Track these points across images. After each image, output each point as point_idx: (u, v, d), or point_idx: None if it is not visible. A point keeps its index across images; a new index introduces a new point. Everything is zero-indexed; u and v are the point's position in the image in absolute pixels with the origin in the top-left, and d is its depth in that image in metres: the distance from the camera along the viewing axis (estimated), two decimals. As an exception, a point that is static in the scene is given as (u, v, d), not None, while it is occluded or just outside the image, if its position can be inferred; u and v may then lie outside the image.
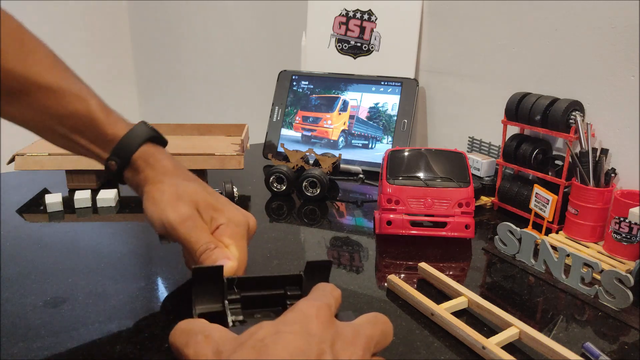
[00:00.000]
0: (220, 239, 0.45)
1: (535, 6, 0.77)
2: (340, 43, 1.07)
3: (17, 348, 0.42)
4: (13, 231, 0.67)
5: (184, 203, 0.45)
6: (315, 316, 0.30)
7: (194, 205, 0.46)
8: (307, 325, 0.30)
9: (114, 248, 0.62)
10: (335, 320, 0.32)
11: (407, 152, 0.69)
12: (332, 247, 0.65)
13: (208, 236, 0.45)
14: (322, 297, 0.33)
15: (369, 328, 0.32)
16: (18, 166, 0.78)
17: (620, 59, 0.66)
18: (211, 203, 0.47)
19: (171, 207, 0.45)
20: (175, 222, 0.44)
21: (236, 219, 0.47)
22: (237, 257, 0.44)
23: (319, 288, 0.35)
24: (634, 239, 0.58)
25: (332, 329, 0.30)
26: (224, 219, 0.46)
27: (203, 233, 0.45)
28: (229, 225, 0.46)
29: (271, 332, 0.29)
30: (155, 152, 0.50)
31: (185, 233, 0.44)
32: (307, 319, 0.30)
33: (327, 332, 0.30)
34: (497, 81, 0.86)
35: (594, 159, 0.64)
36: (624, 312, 0.50)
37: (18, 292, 0.51)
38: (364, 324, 0.33)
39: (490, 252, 0.63)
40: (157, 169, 0.48)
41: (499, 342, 0.43)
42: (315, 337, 0.29)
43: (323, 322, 0.30)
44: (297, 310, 0.31)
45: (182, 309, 0.49)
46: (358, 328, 0.32)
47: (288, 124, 1.02)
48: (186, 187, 0.47)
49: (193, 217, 0.45)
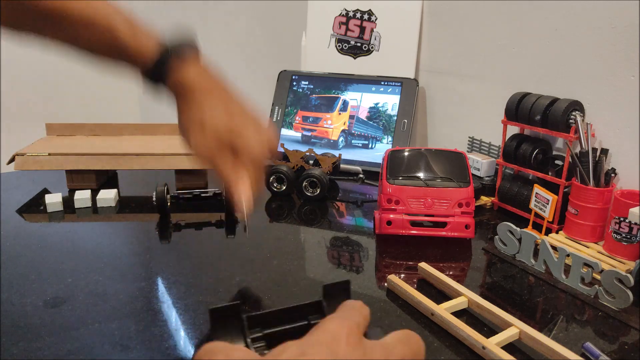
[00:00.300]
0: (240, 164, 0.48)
1: (535, 6, 0.77)
2: (340, 43, 1.07)
3: (17, 348, 0.42)
4: (13, 231, 0.67)
5: (206, 133, 0.48)
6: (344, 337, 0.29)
7: (215, 134, 0.48)
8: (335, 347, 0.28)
9: (114, 248, 0.62)
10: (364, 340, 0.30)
11: (407, 152, 0.69)
12: (332, 247, 0.65)
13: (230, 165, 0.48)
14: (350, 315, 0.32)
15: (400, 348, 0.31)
16: (18, 166, 0.78)
17: (620, 59, 0.66)
18: (231, 128, 0.49)
19: (195, 136, 0.49)
20: (200, 153, 0.49)
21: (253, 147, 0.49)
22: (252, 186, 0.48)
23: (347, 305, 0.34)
24: (634, 239, 0.58)
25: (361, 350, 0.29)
26: (244, 145, 0.49)
27: (226, 162, 0.48)
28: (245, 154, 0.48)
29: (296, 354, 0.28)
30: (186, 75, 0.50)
31: (209, 163, 0.49)
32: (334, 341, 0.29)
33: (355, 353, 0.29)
34: (497, 81, 0.86)
35: (594, 159, 0.64)
36: (624, 312, 0.50)
37: (18, 292, 0.51)
38: (395, 344, 0.31)
39: (490, 252, 0.63)
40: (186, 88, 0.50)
41: (499, 342, 0.43)
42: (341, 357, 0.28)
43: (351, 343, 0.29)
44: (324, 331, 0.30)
45: (182, 309, 0.49)
46: (389, 348, 0.30)
47: (288, 124, 1.02)
48: (210, 114, 0.49)
49: (214, 149, 0.48)
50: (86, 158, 0.80)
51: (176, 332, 0.45)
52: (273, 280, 0.55)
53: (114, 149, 0.81)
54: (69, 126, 0.94)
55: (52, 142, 0.88)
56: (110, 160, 0.80)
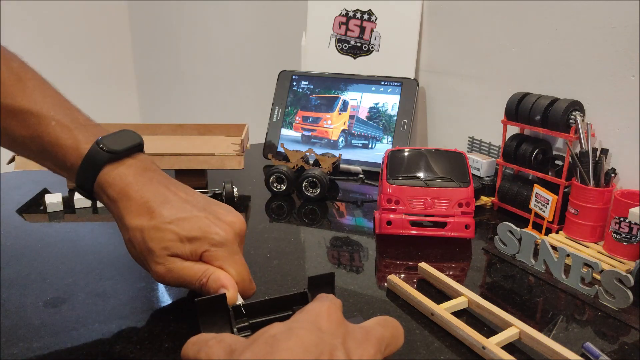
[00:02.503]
0: (211, 264, 0.43)
1: (535, 6, 0.77)
2: (340, 43, 1.07)
3: (17, 348, 0.42)
4: (13, 231, 0.67)
5: (156, 256, 0.43)
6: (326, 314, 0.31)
7: (166, 252, 0.43)
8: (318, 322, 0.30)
9: (114, 248, 0.62)
10: (345, 320, 0.32)
11: (407, 152, 0.69)
12: (332, 247, 0.65)
13: (196, 270, 0.43)
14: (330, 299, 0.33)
15: (380, 329, 0.32)
16: (18, 166, 0.78)
17: (620, 59, 0.66)
18: (184, 236, 0.43)
19: (147, 264, 0.44)
20: (159, 280, 0.44)
21: (216, 239, 0.43)
22: (235, 276, 0.43)
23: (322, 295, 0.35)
24: (634, 239, 0.58)
25: (343, 328, 0.30)
26: (205, 245, 0.43)
27: (189, 270, 0.43)
28: (211, 251, 0.43)
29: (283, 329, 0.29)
30: (115, 177, 0.45)
31: (174, 283, 0.44)
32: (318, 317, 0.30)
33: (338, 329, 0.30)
34: (497, 81, 0.86)
35: (594, 159, 0.64)
36: (624, 312, 0.50)
37: (18, 292, 0.51)
38: (374, 326, 0.32)
39: (490, 252, 0.63)
40: (118, 204, 0.44)
41: (499, 342, 0.43)
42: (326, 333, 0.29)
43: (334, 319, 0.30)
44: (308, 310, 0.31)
45: (182, 309, 0.49)
46: (369, 329, 0.32)
47: (288, 124, 1.02)
48: (152, 232, 0.43)
49: (171, 269, 0.43)
50: (86, 158, 0.80)
51: (176, 332, 0.45)
52: (273, 280, 0.55)
53: (114, 149, 0.81)
54: (69, 126, 0.94)
55: (52, 142, 0.88)
56: (110, 160, 0.80)
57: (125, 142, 0.46)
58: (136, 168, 0.46)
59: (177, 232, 0.43)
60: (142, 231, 0.43)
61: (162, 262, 0.43)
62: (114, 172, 0.45)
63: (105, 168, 0.45)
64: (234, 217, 0.46)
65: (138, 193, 0.44)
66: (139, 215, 0.43)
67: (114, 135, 0.46)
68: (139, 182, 0.45)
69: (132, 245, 0.44)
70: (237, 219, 0.46)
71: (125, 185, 0.44)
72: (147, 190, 0.44)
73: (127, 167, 0.46)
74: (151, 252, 0.43)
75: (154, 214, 0.43)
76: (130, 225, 0.43)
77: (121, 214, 0.44)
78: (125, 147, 0.46)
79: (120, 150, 0.45)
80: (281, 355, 0.26)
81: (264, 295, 0.52)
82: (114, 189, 0.44)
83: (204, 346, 0.31)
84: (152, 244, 0.43)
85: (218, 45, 1.69)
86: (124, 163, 0.46)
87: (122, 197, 0.44)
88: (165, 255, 0.43)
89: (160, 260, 0.43)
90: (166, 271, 0.43)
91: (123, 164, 0.46)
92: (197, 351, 0.31)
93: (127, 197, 0.44)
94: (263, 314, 0.39)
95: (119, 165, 0.45)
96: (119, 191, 0.44)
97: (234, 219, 0.46)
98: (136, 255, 0.45)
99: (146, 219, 0.43)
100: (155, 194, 0.45)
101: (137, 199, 0.44)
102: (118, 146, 0.45)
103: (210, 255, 0.43)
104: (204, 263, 0.43)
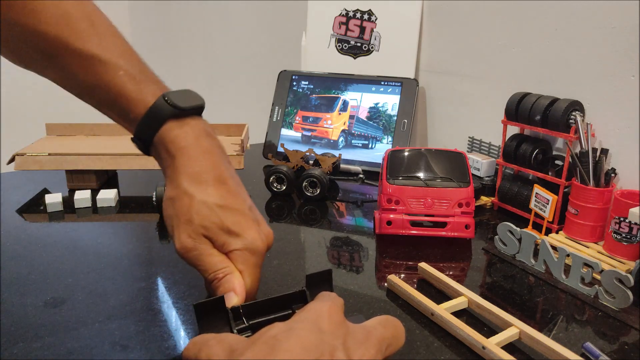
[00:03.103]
0: (234, 263, 0.43)
1: (535, 6, 0.77)
2: (340, 43, 1.07)
3: (17, 348, 0.42)
4: (13, 231, 0.67)
5: (192, 229, 0.42)
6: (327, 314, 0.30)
7: (203, 231, 0.42)
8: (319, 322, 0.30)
9: (114, 248, 0.62)
10: (346, 321, 0.32)
11: (407, 152, 0.69)
12: (332, 247, 0.65)
13: (217, 262, 0.42)
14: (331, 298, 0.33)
15: (381, 330, 0.32)
16: (18, 166, 0.78)
17: (620, 59, 0.66)
18: (226, 227, 0.42)
19: (177, 229, 0.42)
20: (180, 251, 0.42)
21: (253, 245, 0.43)
22: (248, 286, 0.42)
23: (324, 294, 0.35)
24: (634, 239, 0.58)
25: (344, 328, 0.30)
26: (240, 244, 0.42)
27: (212, 259, 0.42)
28: (243, 252, 0.42)
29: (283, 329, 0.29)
30: (179, 134, 0.44)
31: (191, 262, 0.42)
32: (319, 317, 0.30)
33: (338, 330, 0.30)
34: (497, 81, 0.86)
35: (594, 159, 0.64)
36: (624, 312, 0.50)
37: (18, 292, 0.51)
38: (375, 326, 0.32)
39: (490, 252, 0.63)
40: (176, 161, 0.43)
41: (499, 342, 0.43)
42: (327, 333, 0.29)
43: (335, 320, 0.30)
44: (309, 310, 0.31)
45: (182, 309, 0.49)
46: (370, 329, 0.31)
47: (288, 124, 1.02)
48: (201, 205, 0.42)
49: (198, 248, 0.42)
50: (86, 158, 0.80)
51: (176, 332, 0.45)
52: (273, 280, 0.55)
53: (114, 149, 0.81)
54: (69, 126, 0.94)
55: (52, 142, 0.88)
56: (110, 160, 0.80)
57: (190, 101, 0.46)
58: (199, 130, 0.45)
59: (222, 219, 0.42)
60: (192, 199, 0.42)
61: (194, 238, 0.42)
62: (177, 129, 0.44)
63: (168, 123, 0.44)
64: (269, 231, 0.46)
65: (198, 158, 0.44)
66: (195, 183, 0.43)
67: (180, 92, 0.46)
68: (201, 147, 0.44)
69: (172, 205, 0.43)
70: (270, 233, 0.46)
71: (188, 145, 0.44)
72: (206, 159, 0.44)
73: (191, 128, 0.45)
74: (190, 222, 0.42)
75: (208, 190, 0.43)
76: (183, 186, 0.43)
77: (177, 171, 0.43)
78: (190, 105, 0.45)
79: (185, 107, 0.45)
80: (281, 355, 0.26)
81: (264, 295, 0.52)
82: (175, 145, 0.44)
83: (204, 346, 0.31)
84: (195, 216, 0.42)
85: (218, 45, 1.69)
86: (188, 123, 0.45)
87: (182, 155, 0.43)
88: (200, 234, 0.42)
89: (194, 236, 0.42)
90: (192, 247, 0.42)
91: (187, 124, 0.45)
92: (197, 351, 0.31)
93: (187, 157, 0.43)
94: (262, 314, 0.39)
95: (183, 124, 0.45)
96: (180, 149, 0.44)
97: (269, 232, 0.46)
98: (171, 215, 0.43)
99: (199, 190, 0.42)
100: (214, 167, 0.44)
101: (195, 164, 0.43)
102: (183, 103, 0.45)
103: (238, 256, 0.42)
104: (227, 258, 0.43)
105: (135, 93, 0.44)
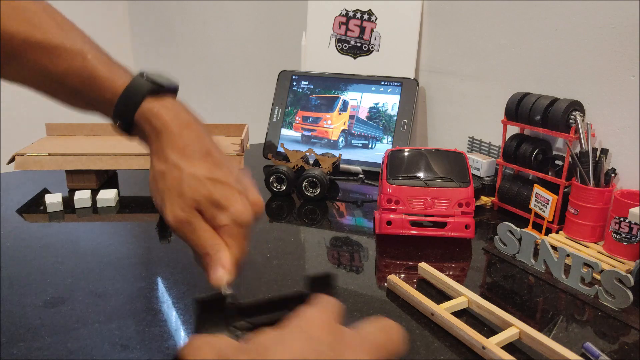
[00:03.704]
0: (222, 237, 0.43)
1: (535, 6, 0.77)
2: (340, 43, 1.07)
3: (17, 348, 0.42)
4: (13, 231, 0.67)
5: (184, 203, 0.42)
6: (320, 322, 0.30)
7: (194, 204, 0.42)
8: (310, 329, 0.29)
9: (114, 248, 0.62)
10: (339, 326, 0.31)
11: (407, 152, 0.69)
12: (332, 247, 0.65)
13: (209, 237, 0.42)
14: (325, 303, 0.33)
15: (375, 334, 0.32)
16: (18, 166, 0.78)
17: (620, 59, 0.66)
18: (215, 199, 0.43)
19: (170, 202, 0.42)
20: (174, 225, 0.42)
21: (240, 218, 0.43)
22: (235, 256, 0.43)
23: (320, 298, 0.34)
24: (634, 239, 0.58)
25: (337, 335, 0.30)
26: (227, 219, 0.43)
27: (204, 234, 0.42)
28: (231, 227, 0.43)
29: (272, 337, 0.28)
30: (160, 109, 0.44)
31: (184, 236, 0.43)
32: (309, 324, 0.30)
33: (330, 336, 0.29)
34: (497, 81, 0.86)
35: (594, 159, 0.64)
36: (624, 312, 0.50)
37: (18, 292, 0.51)
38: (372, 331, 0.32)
39: (490, 252, 0.63)
40: (161, 135, 0.44)
41: (499, 342, 0.43)
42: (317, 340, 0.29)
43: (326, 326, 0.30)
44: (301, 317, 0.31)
45: (182, 309, 0.49)
46: (364, 334, 0.31)
47: (288, 124, 1.02)
48: (191, 178, 0.42)
49: (191, 221, 0.42)
50: (86, 158, 0.80)
51: (176, 332, 0.45)
52: (273, 280, 0.55)
53: (114, 149, 0.81)
54: (69, 126, 0.94)
55: (52, 142, 0.88)
56: (110, 160, 0.80)
57: (166, 80, 0.46)
58: (178, 105, 0.45)
59: (211, 192, 0.42)
60: (182, 172, 0.42)
61: (186, 211, 0.42)
62: (157, 105, 0.44)
63: (147, 99, 0.44)
64: (258, 199, 0.45)
65: (182, 132, 0.44)
66: (183, 156, 0.43)
67: (154, 72, 0.46)
68: (183, 120, 0.44)
69: (163, 179, 0.43)
70: (260, 200, 0.46)
71: (171, 119, 0.44)
72: (191, 133, 0.44)
73: (171, 103, 0.45)
74: (182, 195, 0.42)
75: (196, 163, 0.43)
76: (172, 159, 0.43)
77: (164, 145, 0.43)
78: (167, 82, 0.46)
79: (163, 83, 0.45)
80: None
81: (264, 295, 0.52)
82: (159, 120, 0.44)
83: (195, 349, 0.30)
84: (186, 189, 0.42)
85: (218, 45, 1.69)
86: (167, 100, 0.45)
87: (166, 129, 0.43)
88: (192, 207, 0.42)
89: (186, 209, 0.42)
90: (185, 221, 0.42)
91: (167, 100, 0.45)
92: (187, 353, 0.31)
93: (171, 132, 0.43)
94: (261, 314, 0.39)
95: (163, 101, 0.45)
96: (164, 123, 0.44)
97: (257, 200, 0.45)
98: (162, 188, 0.43)
99: (188, 163, 0.43)
100: (199, 140, 0.44)
101: (181, 137, 0.43)
102: (161, 80, 0.45)
103: (226, 231, 0.43)
104: (216, 234, 0.43)
105: (108, 73, 0.44)
